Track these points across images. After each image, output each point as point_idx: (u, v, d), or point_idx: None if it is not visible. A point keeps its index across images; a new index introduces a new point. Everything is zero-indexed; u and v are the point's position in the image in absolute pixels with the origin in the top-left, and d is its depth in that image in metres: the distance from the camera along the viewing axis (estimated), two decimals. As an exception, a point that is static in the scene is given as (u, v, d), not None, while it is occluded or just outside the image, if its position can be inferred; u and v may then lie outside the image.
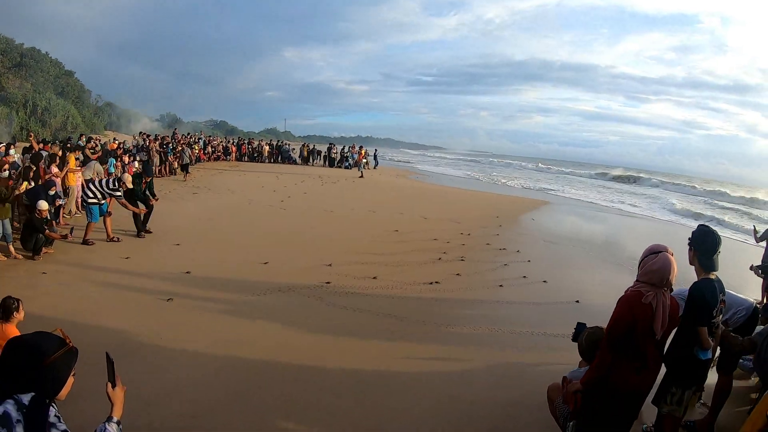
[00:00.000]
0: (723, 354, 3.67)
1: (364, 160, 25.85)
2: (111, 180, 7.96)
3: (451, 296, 6.36)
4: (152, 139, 19.14)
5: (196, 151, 22.74)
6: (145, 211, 8.36)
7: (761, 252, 7.00)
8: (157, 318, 4.93)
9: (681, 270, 2.96)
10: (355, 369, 4.18)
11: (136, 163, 15.59)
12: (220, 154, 27.06)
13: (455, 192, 20.50)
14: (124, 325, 4.65)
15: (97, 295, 5.44)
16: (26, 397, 1.49)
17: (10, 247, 6.60)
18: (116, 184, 7.87)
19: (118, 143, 17.51)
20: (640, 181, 38.67)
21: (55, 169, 8.50)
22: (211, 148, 26.42)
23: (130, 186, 8.14)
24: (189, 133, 29.58)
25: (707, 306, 2.76)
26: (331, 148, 30.00)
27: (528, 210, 15.52)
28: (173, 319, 4.96)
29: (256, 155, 28.76)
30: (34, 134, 14.67)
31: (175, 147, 19.40)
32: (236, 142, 30.85)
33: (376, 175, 24.95)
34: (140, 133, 21.26)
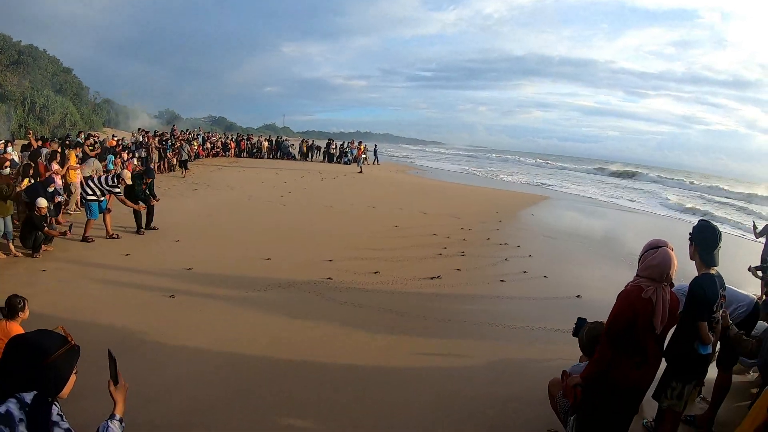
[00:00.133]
0: (723, 349, 3.69)
1: (364, 156, 25.83)
2: (110, 177, 7.94)
3: (451, 291, 6.36)
4: (151, 136, 19.11)
5: (195, 148, 22.69)
6: (144, 207, 8.34)
7: (754, 246, 6.98)
8: (158, 315, 4.93)
9: (681, 265, 2.96)
10: (355, 364, 4.19)
11: (134, 159, 15.59)
12: (219, 150, 27.00)
13: (454, 187, 20.48)
14: (124, 322, 4.65)
15: (98, 293, 5.44)
16: (28, 396, 1.48)
17: (10, 245, 6.60)
18: (115, 181, 7.85)
19: (117, 140, 17.45)
20: (637, 176, 38.62)
21: (55, 166, 8.47)
22: (209, 144, 26.35)
23: (129, 182, 8.11)
24: (188, 130, 29.54)
25: (707, 301, 2.76)
26: (330, 144, 29.97)
27: (527, 205, 15.51)
28: (174, 315, 4.96)
29: (255, 151, 28.73)
30: (32, 132, 14.63)
31: (173, 143, 19.35)
32: (235, 138, 30.78)
33: (376, 171, 24.91)
34: (139, 129, 21.23)
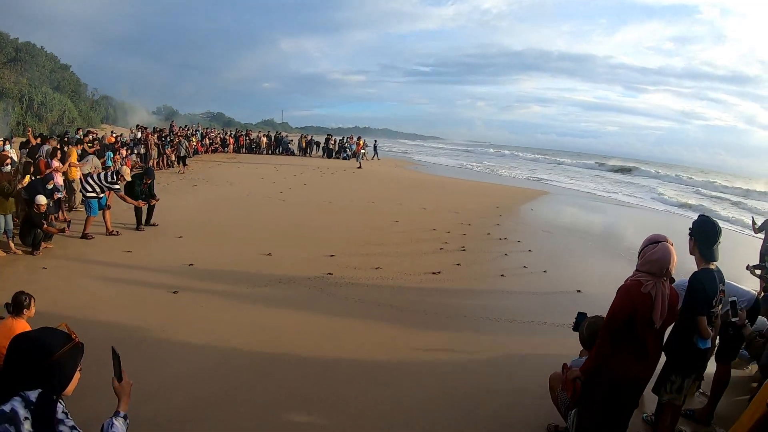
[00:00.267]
0: (722, 344, 3.70)
1: (363, 151, 25.81)
2: (109, 174, 7.91)
3: (452, 286, 6.38)
4: (149, 132, 19.06)
5: (194, 144, 22.64)
6: (144, 204, 8.33)
7: (750, 242, 6.99)
8: (160, 311, 4.94)
9: (680, 260, 2.97)
10: (357, 359, 4.20)
11: (133, 156, 15.56)
12: (217, 146, 26.96)
13: (453, 182, 20.45)
14: (126, 319, 4.66)
15: (99, 290, 5.45)
16: (33, 394, 1.48)
17: (11, 242, 6.59)
18: (114, 178, 7.83)
19: (116, 137, 17.41)
20: (635, 171, 38.78)
21: (56, 163, 8.46)
22: (208, 140, 26.29)
23: (128, 179, 8.10)
24: (186, 126, 29.46)
25: (706, 296, 2.78)
26: (329, 139, 29.93)
27: (527, 200, 15.51)
28: (175, 312, 4.97)
29: (254, 147, 28.67)
30: (31, 129, 14.59)
31: (172, 140, 19.30)
32: (234, 133, 30.71)
33: (375, 166, 24.88)
34: (137, 126, 21.15)
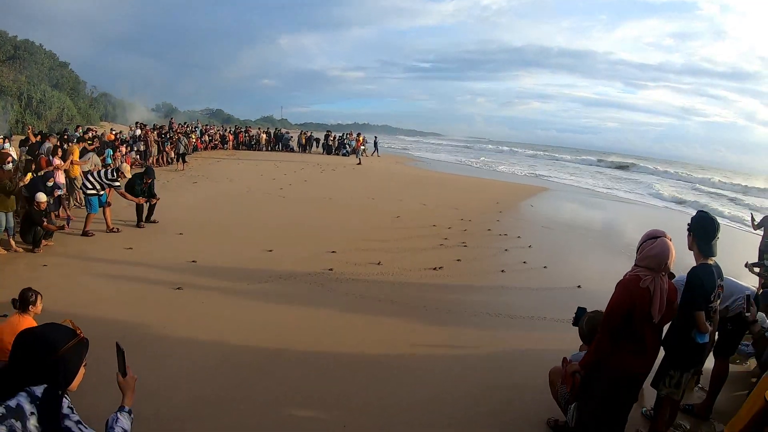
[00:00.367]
0: (721, 339, 3.71)
1: (362, 147, 25.80)
2: (109, 171, 7.93)
3: (453, 282, 6.41)
4: (149, 129, 19.03)
5: (193, 140, 22.61)
6: (145, 200, 8.34)
7: (747, 238, 7.00)
8: (161, 308, 4.96)
9: (680, 256, 2.98)
10: (358, 355, 4.22)
11: (133, 153, 15.56)
12: (217, 142, 26.92)
13: (453, 178, 20.46)
14: (127, 317, 4.68)
15: (100, 287, 5.46)
16: (39, 389, 1.50)
17: (11, 240, 6.60)
18: (114, 175, 7.85)
19: (115, 134, 17.39)
20: (634, 168, 38.89)
21: (57, 161, 8.46)
22: (207, 137, 26.26)
23: (128, 176, 8.10)
24: (185, 123, 29.41)
25: (705, 291, 2.79)
26: (329, 136, 29.94)
27: (527, 197, 15.51)
28: (177, 308, 4.99)
29: (253, 143, 28.65)
30: (31, 127, 14.61)
31: (171, 136, 19.27)
32: (233, 130, 30.67)
33: (375, 162, 24.87)
34: (136, 123, 21.11)
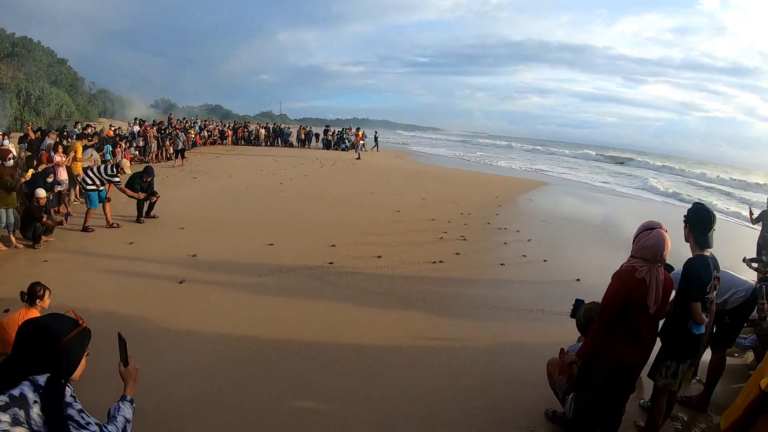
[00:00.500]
0: (719, 331, 3.73)
1: (362, 142, 25.78)
2: (109, 166, 7.93)
3: (452, 275, 6.43)
4: (148, 125, 19.00)
5: (192, 136, 22.58)
6: (144, 196, 8.34)
7: (743, 231, 7.02)
8: (163, 302, 4.99)
9: (676, 248, 3.00)
10: (357, 348, 4.25)
11: (132, 149, 15.54)
12: (216, 138, 26.89)
13: (452, 173, 20.45)
14: (128, 311, 4.70)
15: (101, 282, 5.48)
16: (42, 378, 1.52)
17: (12, 236, 6.61)
18: (114, 170, 7.85)
19: (114, 130, 17.36)
20: (632, 163, 38.97)
21: (58, 157, 8.47)
22: (206, 133, 26.22)
23: (128, 171, 8.11)
24: (184, 118, 29.37)
25: (701, 282, 2.79)
26: (327, 131, 29.92)
27: (525, 191, 15.53)
28: (179, 302, 5.02)
29: (252, 139, 28.62)
30: (31, 124, 14.61)
31: (171, 132, 19.24)
32: (232, 126, 30.63)
33: (374, 157, 24.85)
34: (135, 119, 21.07)
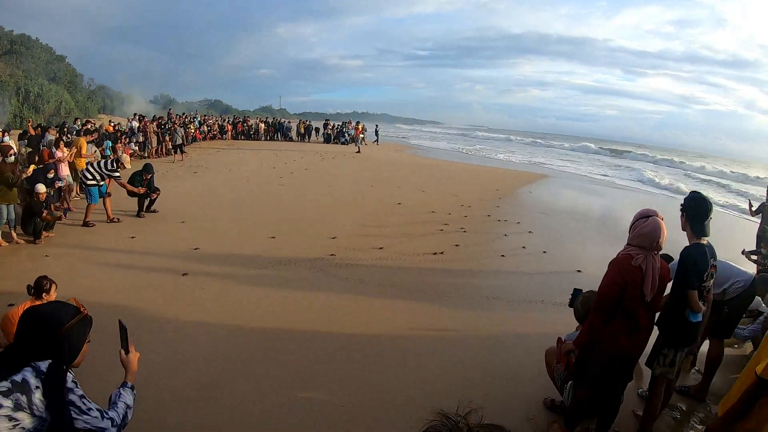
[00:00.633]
0: (717, 321, 3.74)
1: (362, 136, 25.75)
2: (109, 161, 7.95)
3: (453, 266, 6.46)
4: (148, 121, 18.96)
5: (192, 131, 22.54)
6: (145, 190, 8.35)
7: (739, 223, 7.02)
8: (164, 294, 5.02)
9: (674, 237, 3.01)
10: (357, 338, 4.28)
11: (132, 144, 15.53)
12: (215, 133, 26.85)
13: (452, 166, 20.41)
14: (131, 302, 4.75)
15: (103, 275, 5.51)
16: (44, 365, 1.55)
17: (13, 232, 6.64)
18: (114, 165, 7.87)
19: (113, 125, 17.34)
20: (630, 155, 38.96)
21: (60, 153, 8.47)
22: (206, 128, 26.18)
23: (128, 166, 8.12)
24: (184, 113, 29.32)
25: (697, 270, 2.79)
26: (327, 125, 29.89)
27: (525, 184, 15.53)
28: (180, 294, 5.05)
29: (252, 133, 28.59)
30: (31, 121, 14.62)
31: (170, 127, 19.21)
32: (232, 120, 30.57)
33: (374, 151, 24.83)
34: (134, 114, 21.01)
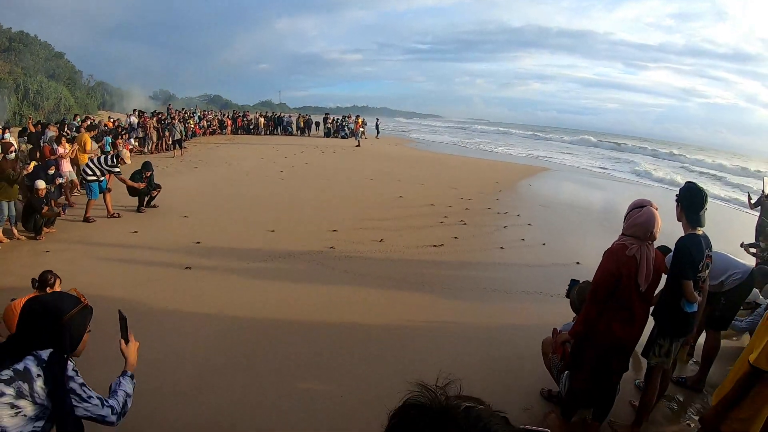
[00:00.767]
0: (714, 312, 3.76)
1: (361, 130, 25.72)
2: (109, 157, 7.96)
3: (452, 258, 6.49)
4: (147, 117, 18.94)
5: (192, 126, 22.52)
6: (145, 185, 8.38)
7: (736, 215, 7.04)
8: (168, 287, 5.06)
9: (671, 228, 3.02)
10: (356, 330, 4.31)
11: (132, 140, 15.53)
12: (215, 128, 26.83)
13: (452, 159, 20.40)
14: (133, 295, 4.78)
15: (104, 270, 5.54)
16: (45, 353, 1.59)
17: (14, 228, 6.67)
18: (114, 161, 7.88)
19: (113, 121, 17.33)
20: (629, 148, 38.72)
21: (61, 149, 8.48)
22: (206, 122, 26.16)
23: (128, 162, 8.13)
24: (183, 109, 29.28)
25: (693, 260, 2.80)
26: (327, 119, 29.83)
27: (525, 177, 15.51)
28: (181, 287, 5.09)
29: (251, 128, 28.56)
30: (31, 117, 14.65)
31: (170, 122, 19.18)
32: (231, 115, 30.53)
33: (374, 144, 24.80)
34: (134, 110, 20.99)
